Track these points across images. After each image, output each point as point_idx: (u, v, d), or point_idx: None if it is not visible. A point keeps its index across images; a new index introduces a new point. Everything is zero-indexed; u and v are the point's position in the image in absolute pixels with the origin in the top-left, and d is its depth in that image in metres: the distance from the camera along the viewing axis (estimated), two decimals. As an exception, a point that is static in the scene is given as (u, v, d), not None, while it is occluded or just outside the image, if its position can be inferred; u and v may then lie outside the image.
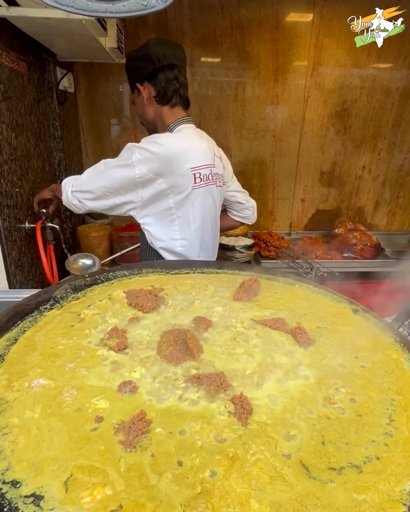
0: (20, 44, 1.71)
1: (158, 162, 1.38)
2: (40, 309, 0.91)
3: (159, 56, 1.43)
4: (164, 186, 1.41)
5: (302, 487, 0.49)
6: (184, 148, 1.43)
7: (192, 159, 1.44)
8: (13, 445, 0.54)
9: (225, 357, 0.75)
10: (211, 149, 1.54)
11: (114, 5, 0.90)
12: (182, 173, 1.42)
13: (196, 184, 1.48)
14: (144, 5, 0.89)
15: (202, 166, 1.49)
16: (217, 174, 1.58)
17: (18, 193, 1.69)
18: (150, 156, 1.37)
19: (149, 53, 1.43)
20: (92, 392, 0.64)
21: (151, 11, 0.91)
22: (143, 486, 0.48)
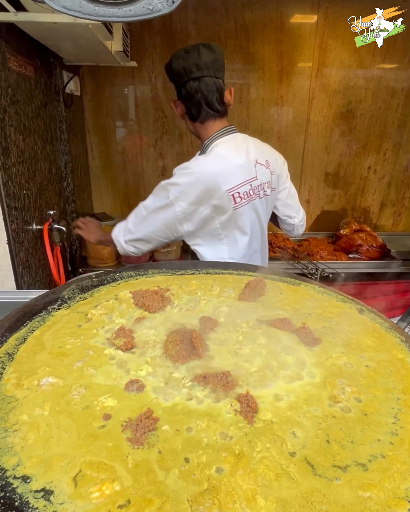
0: (28, 49, 1.73)
1: (194, 193, 1.36)
2: (48, 309, 0.92)
3: (181, 72, 1.38)
4: (207, 212, 1.41)
5: (307, 484, 0.49)
6: (217, 171, 1.37)
7: (229, 180, 1.40)
8: (23, 442, 0.55)
9: (231, 356, 0.76)
10: (250, 161, 1.47)
11: (121, 10, 0.91)
12: (220, 196, 1.39)
13: (236, 204, 1.44)
14: (150, 9, 0.91)
15: (241, 184, 1.43)
16: (261, 184, 1.52)
17: (26, 195, 1.71)
18: (185, 190, 1.36)
19: (172, 70, 1.40)
20: (100, 390, 0.65)
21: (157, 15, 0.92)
22: (151, 482, 0.49)
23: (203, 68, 1.36)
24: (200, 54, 1.35)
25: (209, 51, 1.37)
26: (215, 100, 1.42)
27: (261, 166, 1.52)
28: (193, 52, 1.36)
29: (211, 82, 1.39)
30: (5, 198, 1.50)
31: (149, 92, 2.65)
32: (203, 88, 1.39)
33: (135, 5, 0.88)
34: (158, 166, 2.85)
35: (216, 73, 1.40)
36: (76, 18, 0.87)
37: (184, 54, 1.37)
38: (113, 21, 0.85)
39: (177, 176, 1.39)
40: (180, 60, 1.37)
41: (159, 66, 2.58)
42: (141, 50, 2.52)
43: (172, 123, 2.73)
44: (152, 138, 2.78)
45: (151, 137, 2.78)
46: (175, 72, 1.39)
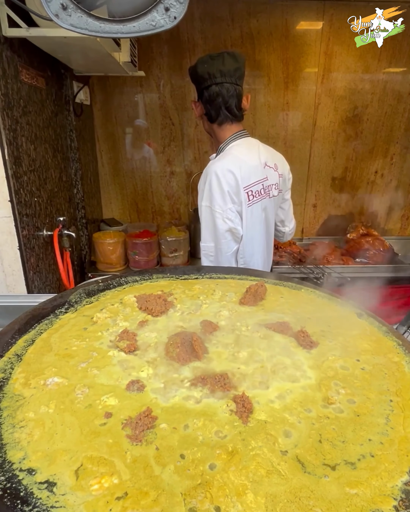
0: (39, 61, 1.80)
1: (233, 192, 1.49)
2: (56, 312, 0.96)
3: (204, 76, 1.47)
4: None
5: (297, 481, 0.52)
6: (234, 170, 1.48)
7: (245, 178, 1.50)
8: (29, 437, 0.58)
9: (229, 358, 0.78)
10: (261, 163, 1.57)
11: (125, 26, 0.96)
12: (240, 193, 1.51)
13: (250, 202, 1.54)
14: (153, 25, 0.95)
15: (254, 183, 1.54)
16: (270, 185, 1.62)
17: (37, 202, 1.77)
18: (219, 195, 1.48)
19: (197, 73, 1.49)
20: (103, 390, 0.68)
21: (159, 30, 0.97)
22: (148, 476, 0.52)
23: (226, 75, 1.46)
24: (225, 61, 1.46)
25: (232, 60, 1.47)
26: (234, 105, 1.52)
27: (270, 168, 1.62)
28: (218, 59, 1.46)
29: (232, 88, 1.49)
30: (17, 206, 1.56)
31: (157, 100, 2.71)
32: (224, 93, 1.48)
33: (139, 22, 0.93)
34: (166, 172, 2.90)
35: (237, 81, 1.50)
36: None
37: (209, 60, 1.47)
38: (119, 37, 0.89)
39: (209, 186, 1.49)
40: (205, 65, 1.47)
41: (167, 75, 2.63)
42: (149, 59, 2.58)
43: (180, 130, 2.78)
44: (160, 145, 2.83)
45: (159, 144, 2.83)
46: (199, 76, 1.49)
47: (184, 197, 2.98)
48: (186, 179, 2.91)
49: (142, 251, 2.53)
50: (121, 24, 0.92)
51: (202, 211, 1.54)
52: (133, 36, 0.94)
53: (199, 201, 1.56)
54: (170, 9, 0.92)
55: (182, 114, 2.75)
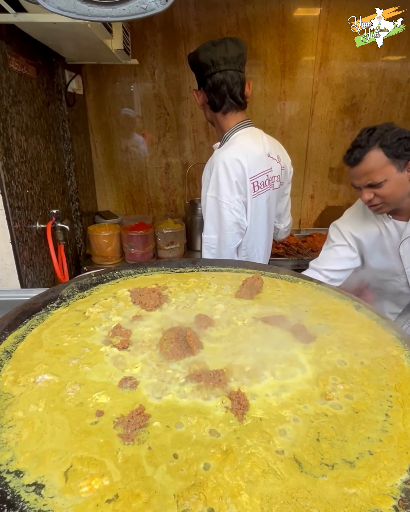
0: (29, 49, 1.75)
1: (241, 182, 1.46)
2: (47, 307, 0.94)
3: (208, 63, 1.42)
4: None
5: (293, 481, 0.50)
6: (241, 159, 1.45)
7: (251, 168, 1.47)
8: (17, 437, 0.56)
9: (225, 353, 0.77)
10: (266, 153, 1.55)
11: (115, 9, 0.92)
12: (247, 183, 1.49)
13: (255, 192, 1.52)
14: (144, 8, 0.91)
15: (260, 174, 1.51)
16: (274, 176, 1.60)
17: (29, 195, 1.73)
18: (227, 185, 1.46)
19: (199, 61, 1.44)
20: (94, 387, 0.67)
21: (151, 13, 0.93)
22: (139, 477, 0.50)
23: (229, 62, 1.42)
24: (228, 48, 1.41)
25: (235, 46, 1.42)
26: (238, 93, 1.48)
27: (273, 160, 1.60)
28: (221, 45, 1.41)
29: (236, 75, 1.45)
30: (8, 198, 1.52)
31: (152, 89, 2.65)
32: (229, 81, 1.44)
33: (128, 5, 0.89)
34: (161, 164, 2.86)
35: (240, 67, 1.46)
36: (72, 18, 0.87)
37: (212, 46, 1.42)
38: (108, 21, 0.86)
39: (218, 177, 1.45)
40: (207, 52, 1.42)
41: (161, 64, 2.58)
42: (143, 47, 2.52)
43: (175, 120, 2.73)
44: (156, 136, 2.78)
45: (154, 135, 2.78)
46: (202, 63, 1.44)
47: (180, 189, 2.94)
48: (182, 170, 2.87)
49: (138, 243, 2.51)
50: (111, 7, 0.88)
51: (207, 202, 1.49)
52: (124, 20, 0.90)
53: (203, 192, 1.51)
54: (161, -9, 0.88)
55: (177, 104, 2.69)
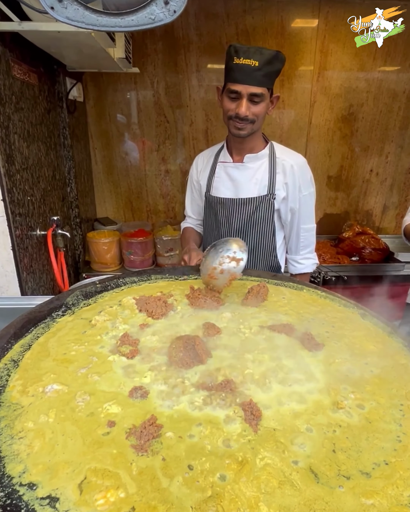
0: (31, 57, 1.75)
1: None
2: (53, 315, 0.93)
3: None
4: None
5: (310, 492, 0.50)
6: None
7: None
8: (29, 449, 0.55)
9: (234, 362, 0.76)
10: None
11: (123, 20, 0.93)
12: None
13: None
14: (152, 19, 0.92)
15: None
16: None
17: (30, 201, 1.73)
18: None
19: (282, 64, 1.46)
20: (104, 397, 0.66)
21: (159, 24, 0.94)
22: (155, 489, 0.50)
23: None
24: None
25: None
26: None
27: None
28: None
29: None
30: (10, 205, 1.52)
31: (152, 97, 2.67)
32: None
33: (137, 15, 0.90)
34: (160, 171, 2.87)
35: None
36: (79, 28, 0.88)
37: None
38: (116, 31, 0.86)
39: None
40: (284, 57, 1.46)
41: (161, 72, 2.60)
42: (144, 56, 2.54)
43: (175, 128, 2.75)
44: (155, 143, 2.79)
45: (154, 142, 2.79)
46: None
47: (179, 196, 2.95)
48: (181, 177, 2.88)
49: (137, 250, 2.50)
50: (119, 17, 0.89)
51: (312, 196, 1.64)
52: (132, 30, 0.91)
53: (303, 190, 1.59)
54: (169, 3, 0.89)
55: (177, 112, 2.71)
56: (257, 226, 1.62)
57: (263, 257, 1.68)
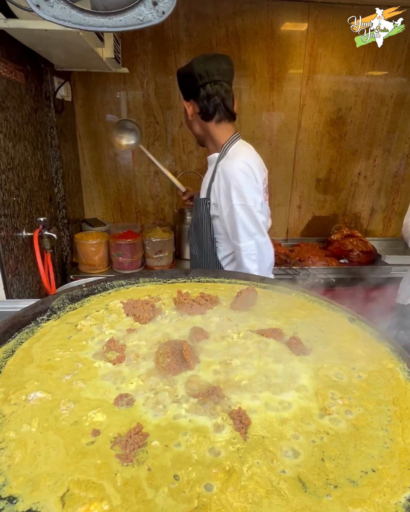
0: (18, 55, 1.72)
1: (256, 189, 1.53)
2: (37, 320, 0.91)
3: (202, 74, 1.49)
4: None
5: (298, 501, 0.49)
6: (253, 166, 1.53)
7: (260, 174, 1.57)
8: (9, 460, 0.54)
9: (222, 368, 0.75)
10: (262, 162, 1.66)
11: (111, 20, 0.91)
12: (261, 188, 1.57)
13: (264, 198, 1.61)
14: (140, 19, 0.91)
15: (263, 181, 1.61)
16: (266, 186, 1.69)
17: (15, 202, 1.69)
18: (251, 189, 1.52)
19: (193, 71, 1.50)
20: (89, 405, 0.64)
21: (147, 25, 0.92)
22: (140, 500, 0.49)
23: (223, 74, 1.51)
24: (220, 62, 1.51)
25: (226, 62, 1.53)
26: (231, 104, 1.56)
27: (265, 171, 1.69)
28: (214, 59, 1.51)
29: (229, 88, 1.54)
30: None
31: (141, 98, 2.65)
32: (222, 91, 1.52)
33: (125, 16, 0.88)
34: (150, 172, 2.85)
35: (230, 82, 1.56)
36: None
37: (205, 59, 1.51)
38: (103, 31, 0.85)
39: (240, 184, 1.50)
40: (201, 64, 1.50)
41: (151, 72, 2.58)
42: (133, 56, 2.52)
43: (164, 129, 2.74)
44: (144, 144, 2.77)
45: (143, 143, 2.77)
46: (196, 74, 1.50)
47: (168, 197, 2.93)
48: (171, 178, 2.86)
49: (126, 252, 2.48)
50: (107, 17, 0.87)
51: (235, 210, 1.49)
52: (119, 31, 0.89)
53: (224, 202, 1.52)
54: (158, 3, 0.88)
55: (166, 113, 2.70)
56: (199, 228, 1.68)
57: (206, 264, 1.71)
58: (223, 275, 1.23)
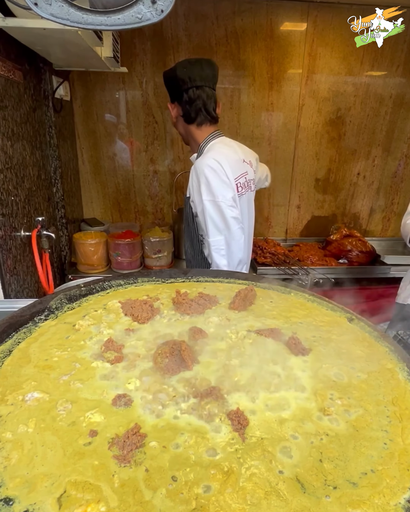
0: (16, 54, 1.72)
1: (225, 184, 1.56)
2: (35, 320, 0.90)
3: (185, 79, 1.55)
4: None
5: (297, 502, 0.49)
6: (223, 162, 1.56)
7: (232, 170, 1.59)
8: (6, 461, 0.53)
9: (220, 368, 0.75)
10: (241, 158, 1.68)
11: (109, 18, 0.91)
12: (232, 183, 1.60)
13: (238, 193, 1.64)
14: (139, 18, 0.90)
15: (239, 176, 1.65)
16: (251, 180, 1.73)
17: (14, 202, 1.69)
18: (219, 185, 1.56)
19: (176, 75, 1.56)
20: (87, 405, 0.64)
21: (146, 24, 0.92)
22: (138, 502, 0.48)
23: (205, 79, 1.57)
24: (203, 67, 1.57)
25: (209, 67, 1.58)
26: (212, 108, 1.62)
27: (247, 164, 1.73)
28: (197, 64, 1.57)
29: (211, 92, 1.60)
30: (-8, 205, 1.48)
31: (140, 97, 2.65)
32: (204, 96, 1.58)
33: (124, 14, 0.88)
34: (149, 171, 2.84)
35: (213, 86, 1.62)
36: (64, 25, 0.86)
37: (188, 64, 1.56)
38: (102, 30, 0.84)
39: (207, 179, 1.55)
40: (184, 69, 1.55)
41: (150, 72, 2.58)
42: (132, 56, 2.51)
43: (163, 128, 2.73)
44: (143, 143, 2.77)
45: (142, 142, 2.77)
46: (179, 78, 1.56)
47: (167, 197, 2.93)
48: (170, 178, 2.86)
49: (125, 252, 2.47)
50: (105, 15, 0.87)
51: (204, 206, 1.56)
52: (118, 29, 0.89)
53: (197, 199, 1.59)
54: (157, 2, 0.87)
55: (165, 112, 2.69)
56: (189, 226, 1.73)
57: (196, 260, 1.75)
58: (222, 275, 1.22)
